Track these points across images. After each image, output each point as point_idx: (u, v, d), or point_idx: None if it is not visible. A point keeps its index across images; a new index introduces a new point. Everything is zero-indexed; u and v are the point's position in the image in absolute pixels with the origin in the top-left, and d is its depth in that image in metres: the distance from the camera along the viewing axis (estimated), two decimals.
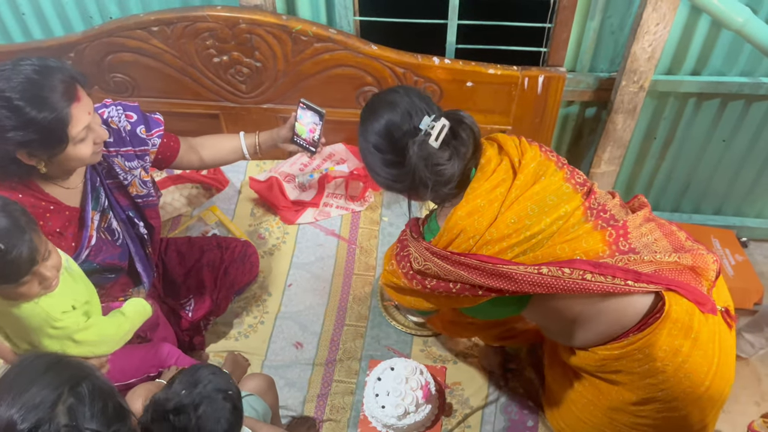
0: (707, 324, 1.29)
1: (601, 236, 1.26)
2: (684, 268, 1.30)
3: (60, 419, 0.89)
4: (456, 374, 1.89)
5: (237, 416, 1.19)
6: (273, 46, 2.11)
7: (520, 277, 1.20)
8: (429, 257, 1.28)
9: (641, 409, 1.35)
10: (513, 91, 2.12)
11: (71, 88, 1.39)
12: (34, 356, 0.99)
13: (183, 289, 1.95)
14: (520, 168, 1.29)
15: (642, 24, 1.91)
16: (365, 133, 1.34)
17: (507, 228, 1.23)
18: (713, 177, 2.47)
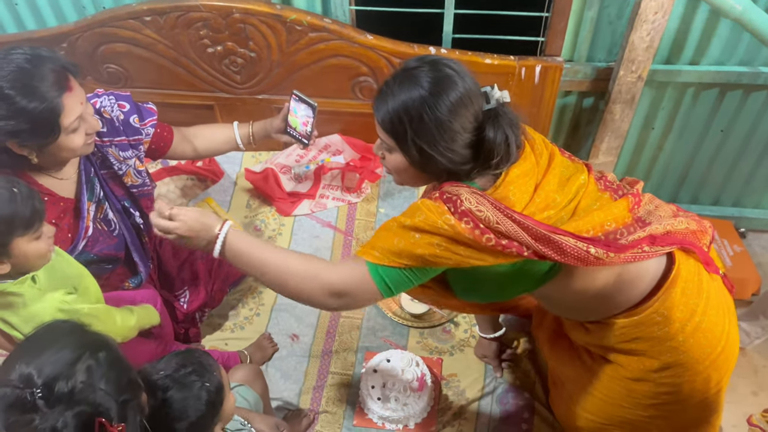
0: (713, 284, 1.33)
1: (625, 204, 1.29)
2: (690, 232, 1.34)
3: (78, 376, 0.93)
4: (452, 365, 1.88)
5: (210, 409, 1.18)
6: (267, 36, 2.09)
7: (569, 249, 1.17)
8: (483, 202, 1.17)
9: (663, 375, 1.35)
10: (510, 81, 2.10)
11: (63, 78, 1.38)
12: (60, 321, 1.04)
13: (177, 281, 1.95)
14: (531, 142, 1.30)
15: (640, 13, 1.89)
16: (437, 104, 1.18)
17: (547, 197, 1.23)
18: (711, 167, 2.45)
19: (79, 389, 0.92)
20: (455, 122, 1.19)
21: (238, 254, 1.30)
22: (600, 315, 1.37)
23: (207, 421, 1.18)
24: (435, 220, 1.17)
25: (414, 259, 1.21)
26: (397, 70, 1.25)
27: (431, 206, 1.19)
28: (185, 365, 1.19)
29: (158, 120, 1.74)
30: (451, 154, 1.20)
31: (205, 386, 1.18)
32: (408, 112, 1.19)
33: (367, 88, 2.20)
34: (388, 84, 1.24)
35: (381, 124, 1.24)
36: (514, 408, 1.78)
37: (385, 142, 1.27)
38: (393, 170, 1.32)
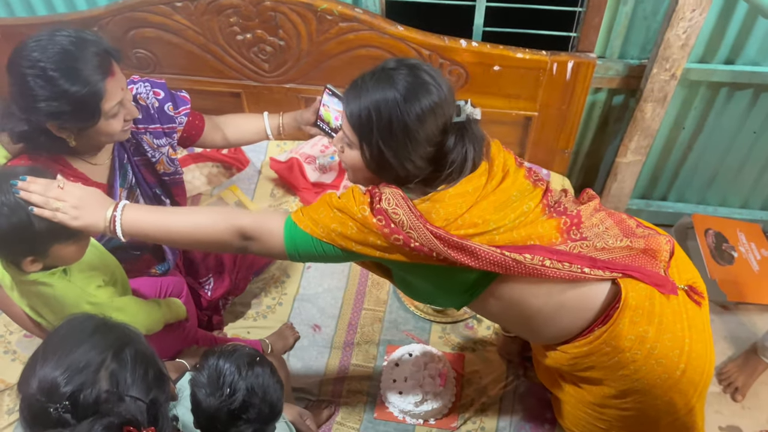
0: (670, 305, 1.28)
1: (556, 223, 1.27)
2: (637, 252, 1.30)
3: (102, 384, 0.91)
4: (474, 362, 1.87)
5: (276, 372, 1.25)
6: (297, 25, 2.08)
7: (483, 254, 1.18)
8: (403, 204, 1.19)
9: (623, 402, 1.35)
10: (541, 77, 2.08)
11: (106, 63, 1.38)
12: (83, 317, 1.01)
13: (202, 269, 1.95)
14: (491, 162, 1.28)
15: (677, 10, 1.85)
16: (406, 108, 1.17)
17: (477, 218, 1.21)
18: (741, 169, 2.41)
19: (104, 399, 0.90)
20: (421, 131, 1.18)
21: (143, 227, 1.29)
22: (549, 339, 1.36)
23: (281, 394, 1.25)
24: (353, 207, 1.20)
25: (327, 231, 1.23)
26: (375, 67, 1.24)
27: (357, 194, 1.23)
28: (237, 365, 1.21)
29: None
30: (408, 164, 1.21)
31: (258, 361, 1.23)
32: (378, 111, 1.18)
33: None
34: (364, 78, 1.22)
35: (349, 117, 1.23)
36: (536, 406, 1.77)
37: (347, 137, 1.25)
38: (348, 166, 1.31)
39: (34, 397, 0.90)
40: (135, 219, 1.28)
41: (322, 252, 1.26)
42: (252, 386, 1.19)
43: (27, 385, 0.92)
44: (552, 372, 1.52)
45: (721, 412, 2.02)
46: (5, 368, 1.88)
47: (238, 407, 1.17)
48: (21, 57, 1.33)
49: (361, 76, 1.23)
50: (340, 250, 1.25)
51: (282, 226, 1.26)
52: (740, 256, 2.34)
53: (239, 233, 1.27)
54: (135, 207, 1.31)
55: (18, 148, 1.46)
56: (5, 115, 1.40)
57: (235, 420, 1.18)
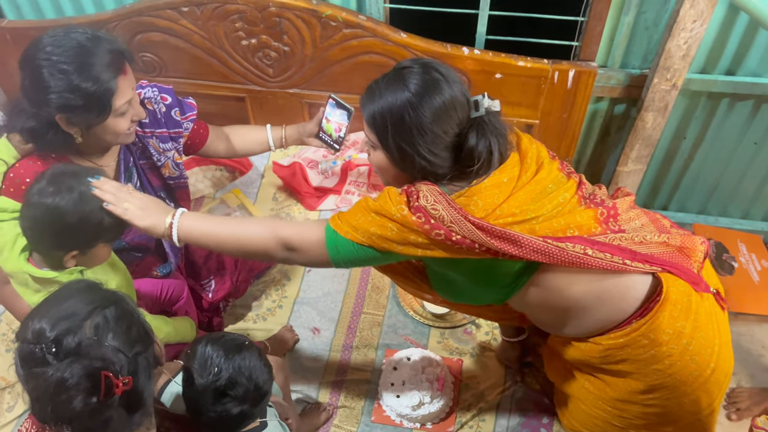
0: (703, 304, 1.29)
1: (593, 213, 1.28)
2: (674, 249, 1.31)
3: (85, 332, 0.99)
4: (472, 367, 1.88)
5: (265, 357, 1.30)
6: (302, 31, 2.10)
7: (526, 242, 1.19)
8: (441, 200, 1.20)
9: (650, 398, 1.34)
10: (542, 85, 2.09)
11: (119, 61, 1.41)
12: (75, 282, 1.12)
13: (204, 270, 1.97)
14: (522, 153, 1.31)
15: (678, 20, 1.87)
16: (420, 107, 1.21)
17: (515, 208, 1.23)
18: (742, 180, 2.42)
19: (86, 344, 0.98)
20: (436, 126, 1.22)
21: (196, 234, 1.38)
22: (583, 331, 1.36)
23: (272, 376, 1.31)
24: (390, 208, 1.22)
25: (368, 235, 1.25)
26: (389, 71, 1.29)
27: (393, 194, 1.24)
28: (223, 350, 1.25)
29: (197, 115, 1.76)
30: (430, 156, 1.24)
31: (246, 345, 1.28)
32: (391, 111, 1.23)
33: None
34: (377, 82, 1.28)
35: (366, 121, 1.28)
36: (534, 413, 1.77)
37: (369, 139, 1.30)
38: (377, 168, 1.36)
39: (26, 340, 0.99)
40: (189, 227, 1.37)
41: (365, 256, 1.28)
42: (238, 366, 1.23)
43: (21, 332, 1.01)
44: (568, 368, 1.50)
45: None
46: (6, 366, 1.89)
47: (223, 385, 1.22)
48: (36, 50, 1.35)
49: (375, 81, 1.28)
50: (382, 253, 1.27)
51: (323, 235, 1.29)
52: (741, 266, 2.34)
53: (283, 245, 1.32)
54: (190, 216, 1.39)
55: (28, 148, 1.48)
56: (14, 113, 1.43)
57: (221, 397, 1.21)
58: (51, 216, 1.30)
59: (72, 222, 1.30)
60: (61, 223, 1.30)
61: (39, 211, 1.30)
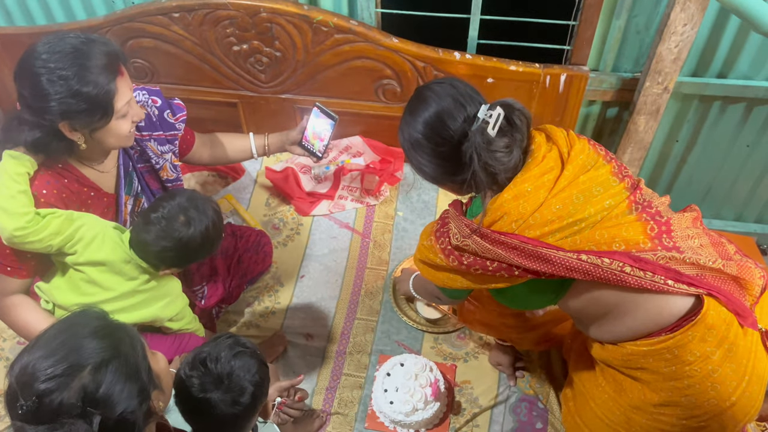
0: (744, 339, 1.25)
1: (642, 228, 1.24)
2: (728, 278, 1.27)
3: (69, 395, 0.91)
4: (466, 372, 1.87)
5: (264, 372, 1.30)
6: (293, 36, 2.10)
7: (558, 260, 1.19)
8: (468, 234, 1.26)
9: (661, 412, 1.33)
10: (534, 89, 2.09)
11: (115, 62, 1.40)
12: (86, 316, 1.02)
13: (196, 276, 1.96)
14: (569, 159, 1.28)
15: (669, 24, 1.87)
16: (413, 123, 1.30)
17: (551, 214, 1.22)
18: (735, 182, 2.42)
19: (67, 409, 0.91)
20: (431, 140, 1.30)
21: None
22: (613, 336, 1.35)
23: (265, 384, 1.30)
24: (434, 259, 1.37)
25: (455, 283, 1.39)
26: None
27: (428, 247, 1.40)
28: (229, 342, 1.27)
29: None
30: (426, 168, 1.34)
31: (255, 353, 1.30)
32: (401, 137, 1.37)
33: (390, 91, 2.20)
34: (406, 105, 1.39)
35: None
36: (528, 418, 1.77)
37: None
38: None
39: (12, 383, 0.94)
40: None
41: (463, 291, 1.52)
42: (233, 368, 1.23)
43: (12, 367, 0.95)
44: (592, 364, 1.50)
45: None
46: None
47: (212, 380, 1.20)
48: (32, 59, 1.34)
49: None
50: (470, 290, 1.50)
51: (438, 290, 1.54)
52: None
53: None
54: None
55: (39, 160, 1.46)
56: (13, 128, 1.41)
57: (204, 392, 1.20)
58: (181, 245, 1.49)
59: (192, 251, 1.52)
60: (185, 250, 1.50)
61: (170, 239, 1.47)
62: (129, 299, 1.55)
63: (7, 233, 1.40)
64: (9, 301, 1.53)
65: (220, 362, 1.22)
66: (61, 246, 1.47)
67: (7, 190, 1.39)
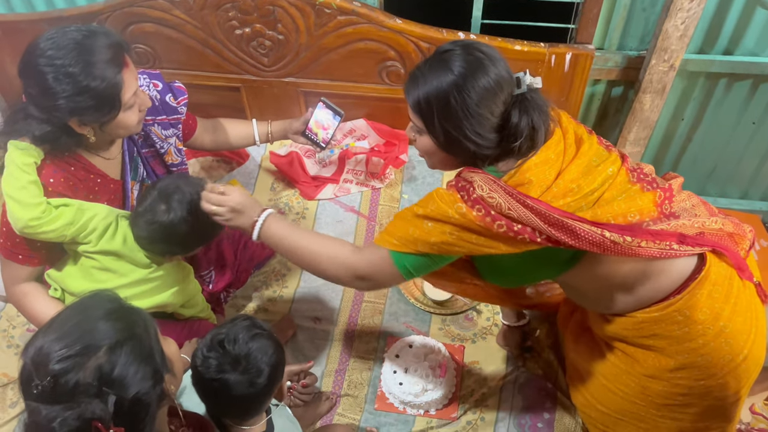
0: (745, 291, 1.30)
1: (652, 197, 1.27)
2: (726, 234, 1.32)
3: (86, 373, 0.92)
4: (474, 353, 1.88)
5: (281, 354, 1.30)
6: (296, 19, 2.08)
7: (584, 234, 1.18)
8: (496, 188, 1.19)
9: (678, 376, 1.34)
10: (539, 68, 2.08)
11: (119, 54, 1.39)
12: (106, 297, 1.03)
13: (204, 262, 1.96)
14: (564, 129, 1.30)
15: (675, 1, 1.85)
16: (469, 89, 1.19)
17: (571, 182, 1.23)
18: (741, 160, 2.41)
19: (82, 389, 0.91)
20: (482, 107, 1.20)
21: (273, 240, 1.42)
22: (621, 308, 1.36)
23: (281, 367, 1.30)
24: (446, 210, 1.21)
25: (429, 246, 1.26)
26: (431, 54, 1.27)
27: (444, 195, 1.23)
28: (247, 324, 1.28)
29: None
30: (477, 138, 1.22)
31: (272, 336, 1.30)
32: (437, 95, 1.21)
33: (394, 72, 2.19)
34: (420, 67, 1.26)
35: (411, 106, 1.27)
36: (536, 397, 1.78)
37: (415, 125, 1.30)
38: (423, 153, 1.35)
39: (27, 363, 0.94)
40: (273, 229, 1.42)
41: (435, 262, 1.31)
42: (251, 350, 1.23)
43: (27, 349, 0.96)
44: (597, 343, 1.50)
45: None
46: (8, 362, 1.89)
47: (230, 361, 1.22)
48: (36, 56, 1.32)
49: (417, 66, 1.28)
50: (448, 257, 1.30)
51: (389, 259, 1.31)
52: None
53: (356, 276, 1.36)
54: (276, 218, 1.43)
55: (44, 148, 1.46)
56: (21, 120, 1.40)
57: (222, 373, 1.21)
58: (167, 231, 1.49)
59: (182, 234, 1.51)
60: (175, 236, 1.51)
61: (156, 227, 1.49)
62: (141, 286, 1.56)
63: (21, 224, 1.40)
64: (20, 289, 1.54)
65: (237, 344, 1.23)
66: (75, 236, 1.47)
67: (17, 181, 1.39)
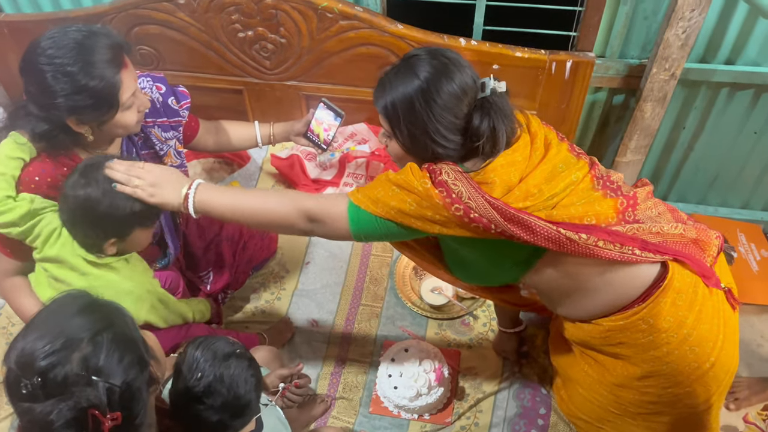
0: (711, 299, 1.30)
1: (613, 203, 1.29)
2: (689, 241, 1.32)
3: (73, 365, 0.94)
4: (470, 358, 1.88)
5: (256, 369, 1.28)
6: (298, 23, 2.09)
7: (539, 229, 1.20)
8: (461, 178, 1.22)
9: (646, 384, 1.36)
10: (540, 75, 2.08)
11: (119, 55, 1.40)
12: (76, 294, 1.05)
13: (202, 262, 1.97)
14: (532, 134, 1.33)
15: (677, 10, 1.85)
16: (433, 94, 1.24)
17: (533, 187, 1.25)
18: (743, 170, 2.41)
19: (72, 380, 0.93)
20: (447, 111, 1.24)
21: (213, 204, 1.37)
22: (587, 314, 1.37)
23: (260, 376, 1.30)
24: (413, 181, 1.23)
25: (387, 209, 1.26)
26: (398, 61, 1.32)
27: (416, 170, 1.25)
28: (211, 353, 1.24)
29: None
30: (442, 140, 1.26)
31: (237, 353, 1.27)
32: (402, 99, 1.26)
33: None
34: (387, 73, 1.31)
35: (379, 111, 1.31)
36: (531, 403, 1.77)
37: (385, 130, 1.33)
38: (394, 158, 1.38)
39: (11, 367, 0.95)
40: (207, 198, 1.36)
41: (384, 230, 1.29)
42: (221, 375, 1.22)
43: (9, 355, 0.97)
44: (572, 350, 1.52)
45: None
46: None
47: (201, 391, 1.20)
48: (36, 54, 1.34)
49: (385, 72, 1.31)
50: (400, 227, 1.28)
51: (345, 208, 1.30)
52: (740, 256, 2.33)
53: (306, 216, 1.32)
54: (208, 186, 1.38)
55: (40, 145, 1.47)
56: (20, 116, 1.42)
57: (197, 403, 1.21)
58: (84, 207, 1.39)
59: (104, 211, 1.38)
60: (94, 212, 1.38)
61: (74, 203, 1.39)
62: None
63: None
64: (10, 282, 1.55)
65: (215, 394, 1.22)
66: (21, 238, 1.46)
67: None
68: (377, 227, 1.29)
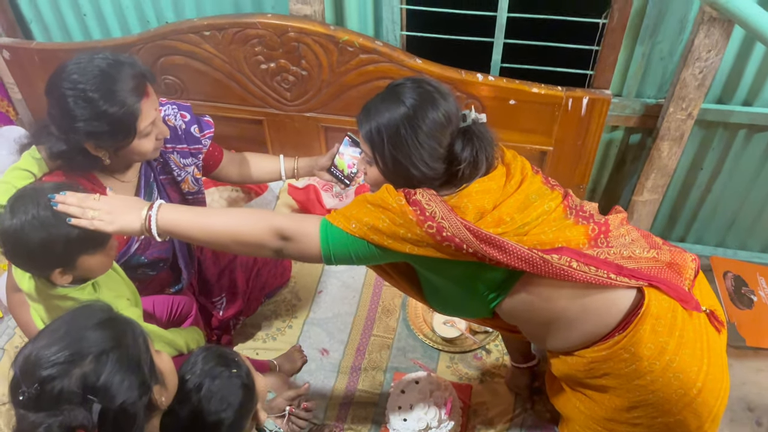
0: (691, 322, 1.28)
1: (584, 230, 1.31)
2: (663, 265, 1.32)
3: (70, 382, 0.93)
4: (481, 393, 1.85)
5: (247, 395, 1.20)
6: (319, 55, 2.14)
7: (512, 249, 1.21)
8: (435, 200, 1.23)
9: (635, 416, 1.33)
10: (556, 112, 2.10)
11: (141, 84, 1.44)
12: (91, 309, 1.04)
13: (216, 288, 1.98)
14: (506, 164, 1.36)
15: (693, 50, 1.87)
16: (419, 121, 1.26)
17: (505, 215, 1.26)
18: (762, 212, 2.38)
19: (66, 396, 0.92)
20: (431, 138, 1.27)
21: (178, 224, 1.31)
22: (568, 344, 1.36)
23: (248, 405, 1.21)
24: (388, 198, 1.24)
25: (359, 225, 1.24)
26: (383, 89, 1.34)
27: (392, 190, 1.26)
28: (208, 361, 1.21)
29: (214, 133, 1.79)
30: (424, 168, 1.27)
31: (233, 373, 1.20)
32: (387, 125, 1.27)
33: None
34: (373, 100, 1.33)
35: (363, 136, 1.32)
36: None
37: (367, 155, 1.34)
38: (371, 183, 1.38)
39: (16, 372, 0.95)
40: (171, 218, 1.30)
41: (354, 249, 1.27)
42: (199, 384, 1.17)
43: (17, 358, 0.97)
44: (563, 387, 1.50)
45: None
46: None
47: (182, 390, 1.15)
48: (61, 79, 1.39)
49: (371, 99, 1.33)
50: (371, 246, 1.26)
51: (317, 226, 1.28)
52: (760, 300, 2.29)
53: (277, 233, 1.28)
54: (171, 207, 1.33)
55: (55, 164, 1.52)
56: (43, 135, 1.47)
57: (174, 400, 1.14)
58: (16, 240, 1.28)
59: (36, 243, 1.26)
60: (29, 245, 1.27)
61: (5, 238, 1.28)
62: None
63: None
64: (18, 297, 1.55)
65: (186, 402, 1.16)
66: None
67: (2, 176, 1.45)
68: (347, 246, 1.27)
